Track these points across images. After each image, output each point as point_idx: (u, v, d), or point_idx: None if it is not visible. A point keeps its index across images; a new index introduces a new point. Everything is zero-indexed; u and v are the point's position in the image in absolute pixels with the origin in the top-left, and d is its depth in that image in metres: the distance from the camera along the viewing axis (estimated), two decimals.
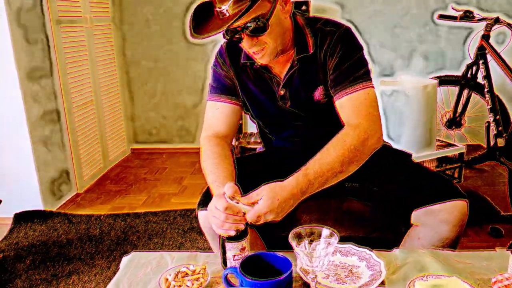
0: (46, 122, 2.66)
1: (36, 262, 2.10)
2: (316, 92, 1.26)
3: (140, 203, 2.79)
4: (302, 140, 1.37)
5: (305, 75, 1.25)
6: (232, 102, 1.33)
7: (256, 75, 1.29)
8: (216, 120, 1.33)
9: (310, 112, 1.30)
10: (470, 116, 3.11)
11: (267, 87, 1.30)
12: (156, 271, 1.08)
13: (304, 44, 1.22)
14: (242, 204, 1.00)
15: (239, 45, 1.21)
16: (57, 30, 2.74)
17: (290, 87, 1.27)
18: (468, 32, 3.35)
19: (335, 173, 1.07)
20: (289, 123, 1.35)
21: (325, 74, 1.23)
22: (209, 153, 1.25)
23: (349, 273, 1.03)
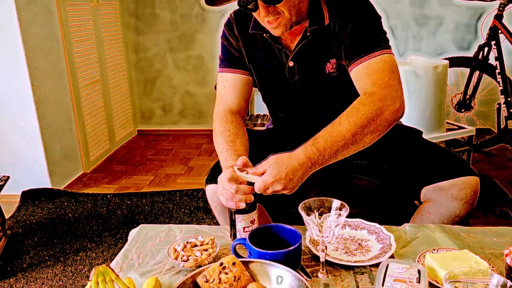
0: (53, 100, 2.65)
1: (44, 239, 2.11)
2: (328, 65, 1.22)
3: (147, 183, 2.80)
4: (312, 116, 1.35)
5: (317, 47, 1.21)
6: (242, 72, 1.29)
7: (264, 46, 1.26)
8: (226, 92, 1.29)
9: (320, 86, 1.27)
10: (480, 99, 3.07)
11: (275, 58, 1.27)
12: (164, 243, 1.08)
13: (319, 15, 1.18)
14: (251, 175, 0.99)
15: (250, 14, 1.18)
16: (63, 8, 2.71)
17: (300, 59, 1.23)
18: (481, 12, 3.28)
19: (347, 144, 1.00)
20: (297, 97, 1.32)
21: (338, 45, 1.19)
22: (221, 131, 1.21)
23: (359, 246, 1.02)
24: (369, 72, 1.10)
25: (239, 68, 1.29)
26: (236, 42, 1.29)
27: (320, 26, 1.18)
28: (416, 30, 3.41)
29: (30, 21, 2.44)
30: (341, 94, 1.23)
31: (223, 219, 1.26)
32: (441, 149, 1.34)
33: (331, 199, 0.93)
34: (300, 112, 1.36)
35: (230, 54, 1.30)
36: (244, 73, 1.30)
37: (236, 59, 1.30)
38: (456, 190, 1.16)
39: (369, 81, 1.09)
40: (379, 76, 1.08)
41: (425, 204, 1.24)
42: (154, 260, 1.01)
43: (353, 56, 1.14)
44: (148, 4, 3.56)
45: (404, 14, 3.38)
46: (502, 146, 2.80)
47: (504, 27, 2.55)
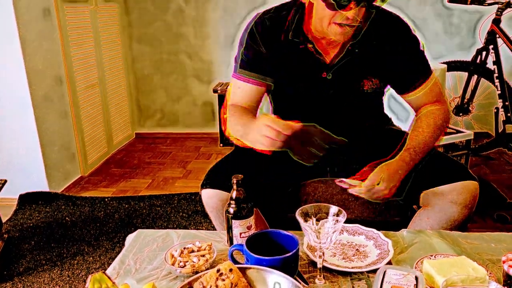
0: (51, 103, 2.65)
1: (41, 243, 2.10)
2: (366, 82, 1.25)
3: (144, 186, 2.79)
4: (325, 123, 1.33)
5: (359, 64, 1.22)
6: (256, 82, 1.26)
7: (300, 55, 1.22)
8: (238, 98, 1.29)
9: (352, 101, 1.29)
10: (478, 103, 3.07)
11: (309, 68, 1.24)
12: (162, 248, 1.07)
13: (366, 32, 1.18)
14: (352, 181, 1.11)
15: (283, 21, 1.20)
16: (62, 11, 2.71)
17: (339, 73, 1.22)
18: (479, 16, 3.29)
19: (430, 147, 1.21)
20: (323, 109, 1.29)
21: (382, 64, 1.23)
22: (238, 114, 1.22)
23: (356, 252, 1.02)
24: (431, 93, 1.27)
25: (255, 75, 1.26)
26: (263, 48, 1.24)
27: (366, 44, 1.19)
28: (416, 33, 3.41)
29: (29, 23, 2.44)
30: (368, 109, 1.34)
31: (220, 224, 1.26)
32: (440, 154, 1.34)
33: (328, 205, 0.93)
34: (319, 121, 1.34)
35: (250, 59, 1.26)
36: (258, 83, 1.26)
37: (256, 66, 1.25)
38: (455, 194, 1.16)
39: (432, 97, 1.28)
40: (439, 92, 1.29)
41: (424, 208, 1.24)
42: (151, 265, 1.01)
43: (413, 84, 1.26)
44: (147, 7, 3.56)
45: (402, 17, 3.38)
46: (500, 150, 2.80)
47: (502, 32, 2.55)
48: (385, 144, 1.35)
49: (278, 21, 1.22)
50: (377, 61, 1.22)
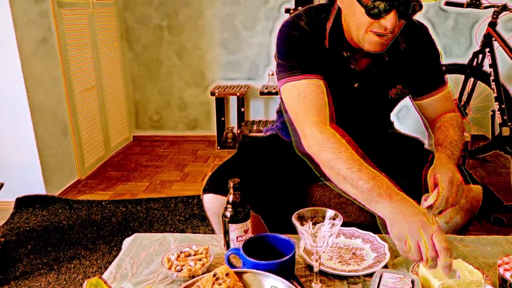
0: (48, 106, 2.65)
1: (38, 246, 2.10)
2: (393, 90, 1.26)
3: (142, 189, 2.79)
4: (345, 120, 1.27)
5: (388, 72, 1.22)
6: (319, 76, 1.13)
7: (336, 61, 1.18)
8: (312, 102, 1.10)
9: (377, 107, 1.32)
10: (475, 106, 3.08)
11: (340, 76, 1.20)
12: (158, 252, 1.07)
13: (395, 41, 1.16)
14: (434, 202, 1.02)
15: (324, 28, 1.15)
16: (59, 14, 2.71)
17: (367, 81, 1.22)
18: (476, 19, 3.31)
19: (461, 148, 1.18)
20: (347, 114, 1.26)
21: (409, 71, 1.24)
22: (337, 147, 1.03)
23: (353, 255, 1.02)
24: (444, 101, 1.29)
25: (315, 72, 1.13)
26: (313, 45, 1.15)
27: (396, 52, 1.19)
28: None
29: (26, 27, 2.44)
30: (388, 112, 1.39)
31: (220, 229, 1.26)
32: None
33: (324, 209, 0.93)
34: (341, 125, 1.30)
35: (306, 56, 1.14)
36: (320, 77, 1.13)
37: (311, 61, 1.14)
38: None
39: (446, 106, 1.29)
40: (452, 105, 1.31)
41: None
42: (148, 269, 1.01)
43: (433, 88, 1.27)
44: (144, 10, 3.56)
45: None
46: (497, 152, 2.81)
47: (498, 35, 2.57)
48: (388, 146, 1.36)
49: (318, 26, 1.15)
50: (404, 69, 1.23)
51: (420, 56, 1.23)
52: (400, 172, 1.29)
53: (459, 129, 1.23)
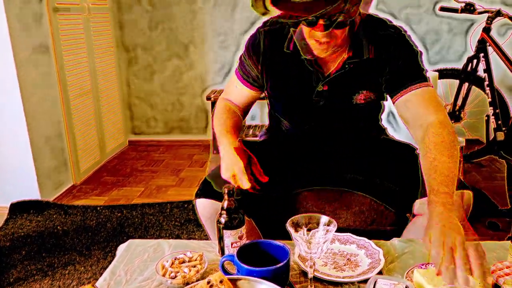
0: (43, 111, 2.64)
1: (32, 252, 2.08)
2: (359, 96, 1.25)
3: (137, 195, 2.78)
4: (318, 132, 1.36)
5: (353, 77, 1.22)
6: (252, 88, 1.36)
7: (295, 66, 1.24)
8: (234, 95, 1.39)
9: (343, 113, 1.30)
10: (470, 110, 3.10)
11: (305, 80, 1.25)
12: (153, 258, 1.07)
13: (360, 47, 1.19)
14: None
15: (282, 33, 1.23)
16: (55, 19, 2.71)
17: (333, 86, 1.23)
18: (470, 24, 3.33)
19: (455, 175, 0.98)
20: (314, 118, 1.32)
21: (376, 78, 1.22)
22: (222, 110, 1.34)
23: (347, 261, 1.02)
24: (423, 100, 1.14)
25: (250, 84, 1.35)
26: (256, 61, 1.29)
27: (361, 59, 1.19)
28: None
29: (21, 32, 2.44)
30: (359, 120, 1.33)
31: (213, 234, 1.26)
32: None
33: (319, 215, 0.93)
34: (312, 130, 1.36)
35: (245, 71, 1.34)
36: (254, 89, 1.36)
37: (249, 77, 1.34)
38: None
39: (428, 108, 1.12)
40: (435, 102, 1.14)
41: (419, 217, 1.24)
42: (142, 276, 1.00)
43: (400, 87, 1.17)
44: (140, 15, 3.56)
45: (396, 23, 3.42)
46: (491, 157, 2.82)
47: (492, 40, 2.58)
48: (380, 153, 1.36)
49: (279, 33, 1.25)
50: (369, 73, 1.22)
51: (390, 57, 1.19)
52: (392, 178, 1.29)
53: (450, 147, 1.03)
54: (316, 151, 1.39)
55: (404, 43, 1.20)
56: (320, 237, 0.88)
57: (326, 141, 1.36)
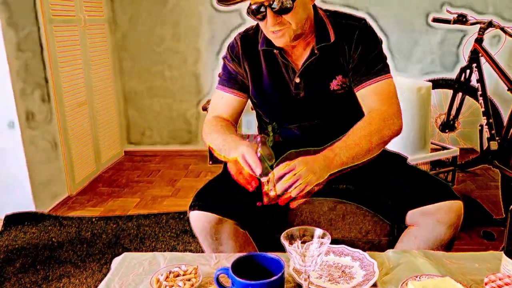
0: (39, 123, 2.64)
1: (26, 265, 2.07)
2: (333, 82, 1.29)
3: (133, 205, 2.77)
4: (307, 131, 1.39)
5: (324, 64, 1.28)
6: (238, 94, 1.38)
7: (272, 64, 1.32)
8: (221, 107, 1.39)
9: (324, 102, 1.33)
10: (463, 120, 3.12)
11: (281, 75, 1.33)
12: (148, 272, 1.06)
13: (325, 33, 1.26)
14: None
15: (256, 36, 1.32)
16: (50, 30, 2.72)
17: (307, 75, 1.30)
18: (463, 35, 3.37)
19: (359, 153, 1.14)
20: (298, 113, 1.37)
21: (345, 64, 1.28)
22: (214, 124, 1.32)
23: (342, 274, 1.02)
24: (377, 94, 1.25)
25: (236, 89, 1.38)
26: (238, 65, 1.36)
27: (326, 43, 1.25)
28: (401, 52, 3.48)
29: (16, 43, 2.44)
30: (342, 110, 1.35)
31: (208, 246, 1.26)
32: (426, 174, 1.35)
33: (313, 228, 0.93)
34: (299, 126, 1.40)
35: (230, 75, 1.38)
36: (240, 94, 1.38)
37: (235, 81, 1.38)
38: (441, 214, 1.17)
39: (378, 101, 1.24)
40: (387, 97, 1.25)
41: (411, 228, 1.25)
42: None
43: (361, 79, 1.26)
44: (136, 26, 3.58)
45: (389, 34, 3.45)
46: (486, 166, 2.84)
47: (484, 50, 2.61)
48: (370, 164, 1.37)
49: (253, 37, 1.34)
50: (337, 59, 1.28)
51: (352, 45, 1.26)
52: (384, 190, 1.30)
53: (371, 131, 1.17)
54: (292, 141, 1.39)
55: (367, 31, 1.28)
56: (314, 250, 0.88)
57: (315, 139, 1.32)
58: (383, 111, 1.21)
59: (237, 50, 1.36)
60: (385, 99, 1.24)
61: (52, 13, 2.73)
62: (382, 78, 1.26)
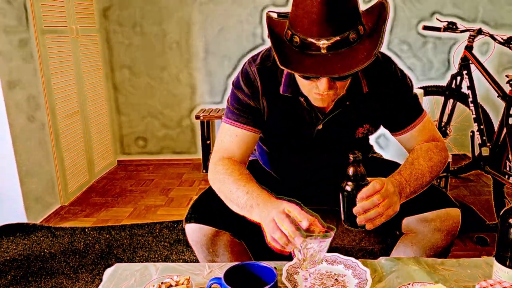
0: (30, 133, 2.62)
1: (18, 277, 2.04)
2: (359, 129, 1.25)
3: (126, 215, 2.75)
4: (314, 162, 1.35)
5: (352, 114, 1.21)
6: (253, 130, 1.21)
7: (293, 107, 1.19)
8: (234, 146, 1.20)
9: (344, 146, 1.25)
10: (455, 126, 3.15)
11: (303, 119, 1.22)
12: (140, 283, 1.06)
13: (357, 84, 1.17)
14: None
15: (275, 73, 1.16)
16: (42, 41, 2.72)
17: (331, 123, 1.21)
18: (453, 43, 3.41)
19: (423, 182, 1.10)
20: (313, 153, 1.30)
21: (375, 112, 1.23)
22: (229, 171, 1.12)
23: (335, 282, 1.02)
24: (422, 133, 1.23)
25: (253, 125, 1.20)
26: (257, 100, 1.20)
27: (359, 95, 1.18)
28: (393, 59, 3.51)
29: (8, 54, 2.44)
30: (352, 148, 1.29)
31: (204, 258, 1.25)
32: None
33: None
34: (311, 163, 1.34)
35: (246, 108, 1.20)
36: (256, 130, 1.21)
37: (249, 115, 1.20)
38: (438, 222, 1.18)
39: (428, 137, 1.23)
40: (433, 132, 1.25)
41: (408, 235, 1.25)
42: None
43: (402, 125, 1.24)
44: (129, 35, 3.59)
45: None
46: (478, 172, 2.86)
47: (475, 57, 2.64)
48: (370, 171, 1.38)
49: (273, 72, 1.18)
50: (370, 109, 1.21)
51: (387, 94, 1.19)
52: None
53: (430, 161, 1.13)
54: (304, 173, 1.39)
55: (396, 77, 1.21)
56: (316, 246, 0.89)
57: (316, 166, 1.35)
58: (437, 144, 1.21)
59: (255, 85, 1.18)
60: (433, 135, 1.24)
61: (44, 24, 2.73)
62: (422, 117, 1.23)
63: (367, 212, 0.95)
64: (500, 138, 2.35)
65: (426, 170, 1.11)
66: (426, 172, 1.11)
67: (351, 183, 0.96)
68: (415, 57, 3.51)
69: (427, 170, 1.11)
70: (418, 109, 1.24)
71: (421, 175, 1.10)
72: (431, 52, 3.49)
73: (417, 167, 1.11)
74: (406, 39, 3.48)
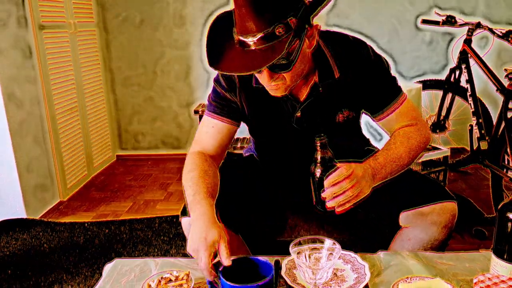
0: (29, 128, 2.62)
1: (18, 271, 2.05)
2: (339, 115, 1.25)
3: (125, 210, 2.76)
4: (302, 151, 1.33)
5: (328, 99, 1.21)
6: (230, 122, 1.26)
7: (269, 97, 1.20)
8: (209, 137, 1.26)
9: (326, 132, 1.23)
10: (454, 120, 3.15)
11: (281, 109, 1.24)
12: (139, 278, 1.06)
13: (328, 69, 1.18)
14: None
15: None
16: (40, 36, 2.71)
17: (309, 110, 1.23)
18: (452, 37, 3.40)
19: (401, 165, 1.15)
20: (298, 141, 1.31)
21: (352, 96, 1.23)
22: (193, 166, 1.19)
23: (334, 276, 1.03)
24: (402, 115, 1.25)
25: (228, 117, 1.26)
26: (234, 94, 1.25)
27: (331, 81, 1.19)
28: (391, 54, 3.51)
29: (6, 49, 2.43)
30: (342, 134, 1.31)
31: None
32: (420, 175, 1.36)
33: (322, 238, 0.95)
34: (296, 151, 1.34)
35: (223, 101, 1.26)
36: (232, 123, 1.27)
37: (228, 108, 1.26)
38: (435, 215, 1.18)
39: (407, 120, 1.25)
40: (412, 114, 1.26)
41: (405, 229, 1.25)
42: None
43: (380, 110, 1.25)
44: (127, 29, 3.57)
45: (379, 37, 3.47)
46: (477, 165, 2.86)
47: (473, 51, 2.64)
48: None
49: None
50: (343, 93, 1.22)
51: (360, 78, 1.20)
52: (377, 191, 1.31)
53: (408, 145, 1.17)
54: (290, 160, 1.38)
55: (372, 61, 1.21)
56: (324, 263, 0.89)
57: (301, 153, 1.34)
58: (417, 125, 1.23)
59: (232, 79, 1.24)
60: (413, 117, 1.25)
61: (41, 19, 2.72)
62: (401, 100, 1.23)
63: (337, 197, 0.99)
64: (499, 131, 2.36)
65: (404, 152, 1.16)
66: (404, 154, 1.16)
67: (320, 167, 0.98)
68: (413, 50, 3.50)
69: (404, 152, 1.16)
70: (395, 92, 1.24)
71: (398, 157, 1.15)
72: (429, 46, 3.49)
73: (394, 150, 1.16)
74: (404, 32, 3.47)
